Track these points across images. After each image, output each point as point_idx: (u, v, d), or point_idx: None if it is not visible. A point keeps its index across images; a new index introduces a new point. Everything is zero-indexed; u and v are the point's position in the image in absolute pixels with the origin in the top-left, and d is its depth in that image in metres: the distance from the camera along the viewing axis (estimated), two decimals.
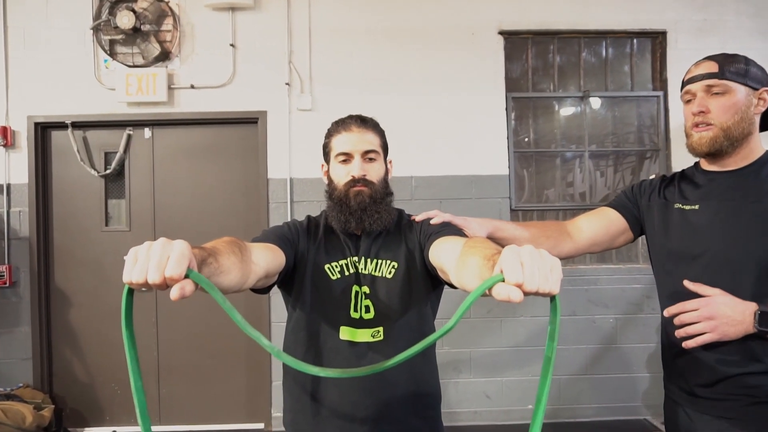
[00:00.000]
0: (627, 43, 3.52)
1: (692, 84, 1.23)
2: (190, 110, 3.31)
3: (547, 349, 0.67)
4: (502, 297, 0.63)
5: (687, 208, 1.25)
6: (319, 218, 1.35)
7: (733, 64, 1.19)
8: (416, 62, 3.34)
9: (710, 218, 1.20)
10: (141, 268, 0.63)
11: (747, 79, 1.18)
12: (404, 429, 1.21)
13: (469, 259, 0.84)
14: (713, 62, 1.21)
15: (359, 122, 1.28)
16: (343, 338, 1.20)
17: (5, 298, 3.26)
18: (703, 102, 1.20)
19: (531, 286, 0.61)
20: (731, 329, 1.08)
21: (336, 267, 1.25)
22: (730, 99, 1.18)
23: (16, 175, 3.28)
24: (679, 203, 1.27)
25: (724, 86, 1.18)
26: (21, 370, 3.25)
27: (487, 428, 3.24)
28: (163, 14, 3.26)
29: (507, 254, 0.64)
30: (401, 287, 1.23)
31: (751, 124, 1.20)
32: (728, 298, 1.10)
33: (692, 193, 1.27)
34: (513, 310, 3.32)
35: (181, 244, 0.65)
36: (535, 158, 3.52)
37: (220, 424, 3.36)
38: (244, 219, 3.35)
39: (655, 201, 1.34)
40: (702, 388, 1.18)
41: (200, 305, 3.36)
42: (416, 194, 3.31)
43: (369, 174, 1.25)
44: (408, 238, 1.29)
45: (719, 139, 1.19)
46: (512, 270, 0.62)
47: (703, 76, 1.20)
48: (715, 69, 1.19)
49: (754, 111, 1.20)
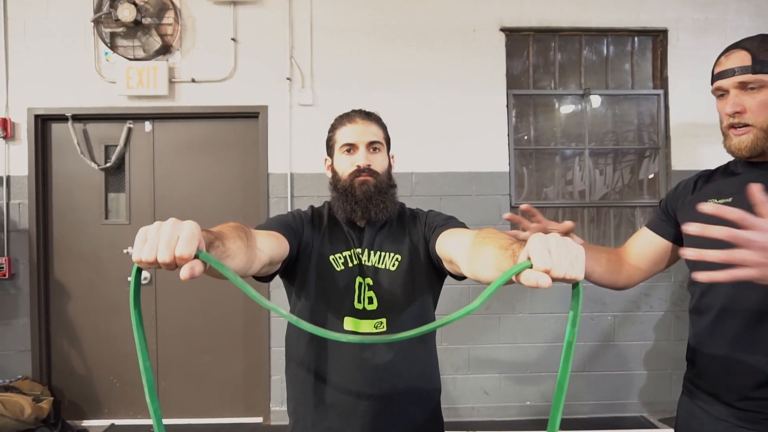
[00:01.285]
0: (628, 41, 3.52)
1: (723, 80, 1.08)
2: (190, 104, 3.30)
3: (568, 335, 0.69)
4: (530, 283, 0.65)
5: (720, 202, 1.08)
6: (322, 209, 1.35)
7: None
8: (417, 59, 3.34)
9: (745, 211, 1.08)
10: (151, 246, 0.63)
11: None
12: (405, 420, 1.22)
13: (484, 249, 0.86)
14: (745, 52, 1.05)
15: (363, 115, 1.31)
16: (346, 328, 1.21)
17: (4, 290, 3.26)
18: (737, 101, 1.06)
19: (558, 272, 0.63)
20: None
21: (340, 258, 1.26)
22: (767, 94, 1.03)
23: (15, 168, 3.28)
24: (713, 198, 1.13)
25: (759, 81, 1.03)
26: (20, 362, 3.26)
27: (485, 424, 3.26)
28: (164, 7, 3.25)
29: (535, 242, 0.66)
30: (404, 279, 1.24)
31: None
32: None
33: (728, 186, 1.13)
34: (511, 306, 3.33)
35: (191, 224, 0.65)
36: (535, 156, 3.53)
37: (219, 418, 3.37)
38: (243, 213, 3.35)
39: (689, 200, 1.21)
40: (743, 401, 1.04)
41: (199, 299, 3.37)
42: (416, 190, 3.31)
43: (374, 164, 1.26)
44: (412, 231, 1.30)
45: (760, 141, 1.05)
46: (540, 256, 0.64)
47: (735, 70, 1.05)
48: (748, 61, 1.04)
49: None
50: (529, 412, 3.32)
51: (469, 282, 1.38)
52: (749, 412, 1.04)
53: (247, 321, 3.39)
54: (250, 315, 3.38)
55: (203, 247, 0.67)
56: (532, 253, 0.65)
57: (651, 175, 3.54)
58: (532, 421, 3.26)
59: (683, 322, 3.34)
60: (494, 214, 3.33)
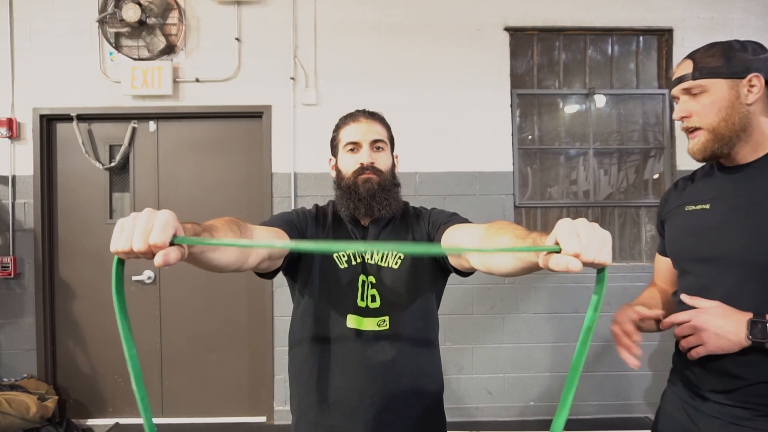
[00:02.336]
0: (633, 40, 3.50)
1: (673, 88, 1.17)
2: (194, 104, 3.31)
3: (588, 319, 0.70)
4: (560, 267, 0.66)
5: (697, 208, 1.17)
6: (326, 207, 1.36)
7: (708, 59, 1.10)
8: (421, 58, 3.33)
9: (722, 218, 1.11)
10: (127, 237, 0.64)
11: (727, 71, 1.08)
12: (408, 417, 1.22)
13: (500, 239, 0.87)
14: (689, 61, 1.13)
15: (367, 114, 1.32)
16: (350, 326, 1.21)
17: (10, 289, 3.27)
18: (683, 106, 1.14)
19: (587, 257, 0.64)
20: (722, 342, 1.02)
21: (344, 256, 1.26)
22: (708, 98, 1.10)
23: (21, 167, 3.29)
24: (691, 205, 1.19)
25: (699, 86, 1.11)
26: (25, 361, 3.27)
27: (489, 424, 3.25)
28: (168, 7, 3.26)
29: (564, 226, 0.67)
30: (407, 277, 1.24)
31: (745, 116, 1.08)
32: (722, 309, 1.04)
33: (705, 192, 1.18)
34: (516, 306, 3.32)
35: (165, 213, 0.66)
36: (539, 155, 3.52)
37: (223, 417, 3.37)
38: (247, 213, 3.35)
39: (671, 207, 1.27)
40: (717, 393, 1.10)
41: (203, 299, 3.37)
42: (420, 190, 3.31)
43: (377, 162, 1.27)
44: (415, 229, 1.30)
45: (709, 142, 1.11)
46: (570, 241, 0.65)
47: (681, 78, 1.14)
48: (690, 69, 1.12)
49: (745, 101, 1.08)
50: (533, 412, 3.31)
51: (473, 281, 1.38)
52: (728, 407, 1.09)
53: (251, 321, 3.39)
54: (254, 314, 3.39)
55: (182, 234, 0.67)
56: (561, 237, 0.66)
57: (656, 175, 3.53)
58: (535, 421, 3.25)
59: None
60: (498, 214, 3.32)
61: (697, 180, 1.24)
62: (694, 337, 1.05)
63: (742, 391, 1.06)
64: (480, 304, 3.32)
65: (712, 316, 1.03)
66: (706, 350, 1.04)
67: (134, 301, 3.37)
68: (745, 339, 1.00)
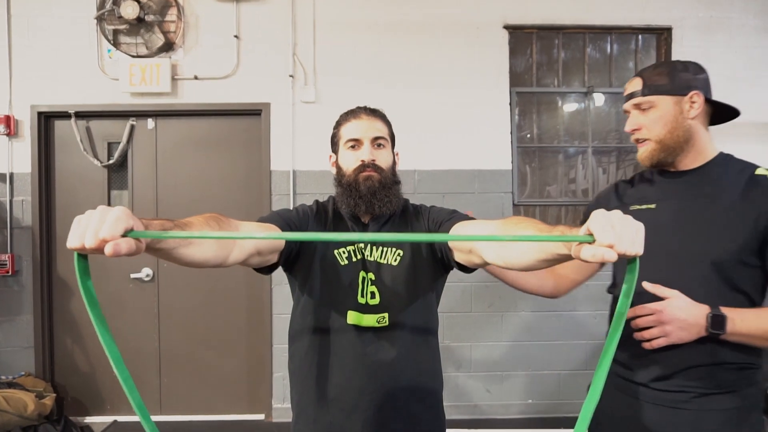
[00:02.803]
0: (632, 39, 3.50)
1: (625, 103, 1.29)
2: (193, 101, 3.30)
3: (620, 305, 0.71)
4: (596, 258, 0.66)
5: (644, 208, 1.28)
6: (327, 204, 1.36)
7: (656, 77, 1.23)
8: (420, 56, 3.33)
9: (667, 217, 1.23)
10: (80, 233, 0.66)
11: (672, 89, 1.21)
12: (407, 416, 1.22)
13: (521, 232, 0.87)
14: (639, 79, 1.26)
15: (368, 111, 1.31)
16: (350, 323, 1.21)
17: (7, 286, 3.27)
18: (634, 120, 1.27)
19: (621, 248, 0.65)
20: (685, 333, 1.11)
21: (344, 253, 1.26)
22: (656, 112, 1.23)
23: (19, 165, 3.29)
24: (636, 204, 1.30)
25: (648, 102, 1.23)
26: (23, 358, 3.27)
27: (488, 422, 3.26)
28: (167, 4, 3.25)
29: (598, 217, 0.68)
30: (406, 275, 1.24)
31: (687, 130, 1.22)
32: (683, 302, 1.12)
33: (650, 193, 1.30)
34: (514, 304, 3.33)
35: (118, 209, 0.67)
36: (538, 154, 3.52)
37: (221, 415, 3.38)
38: (246, 210, 3.35)
39: (612, 207, 1.30)
40: (657, 380, 1.20)
41: (201, 296, 3.37)
42: (419, 188, 3.31)
43: (378, 159, 1.26)
44: (415, 225, 1.30)
45: (656, 152, 1.24)
46: (605, 232, 0.66)
47: (632, 94, 1.27)
48: (639, 86, 1.25)
49: (687, 116, 1.21)
50: (532, 410, 3.32)
51: (471, 279, 1.39)
52: (665, 392, 1.19)
53: (250, 318, 3.39)
54: (253, 312, 3.39)
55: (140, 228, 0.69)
56: (596, 228, 0.66)
57: None
58: (534, 419, 3.26)
59: None
60: (497, 212, 3.32)
61: (637, 184, 1.36)
62: (658, 329, 1.12)
63: (680, 375, 1.16)
64: (478, 302, 3.32)
65: (675, 309, 1.11)
66: (667, 341, 1.12)
67: (132, 298, 3.36)
68: (704, 331, 1.10)
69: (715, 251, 1.15)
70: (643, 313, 1.14)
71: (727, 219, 1.15)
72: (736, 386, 1.15)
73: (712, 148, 1.25)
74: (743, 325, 1.09)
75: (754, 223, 1.13)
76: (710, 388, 1.15)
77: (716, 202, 1.18)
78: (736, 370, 1.15)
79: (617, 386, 1.28)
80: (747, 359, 1.16)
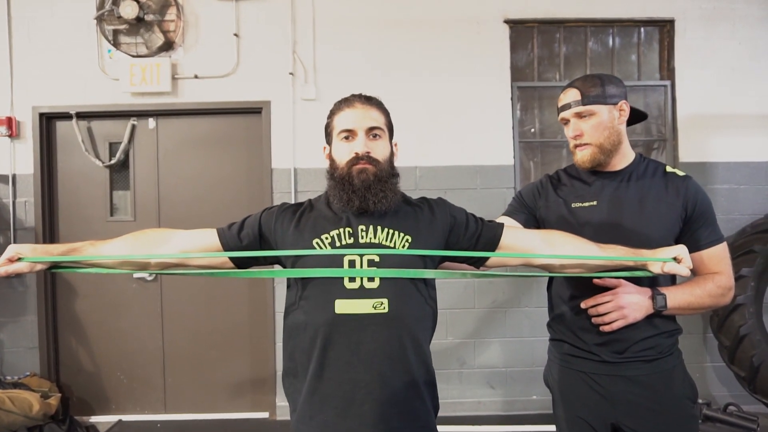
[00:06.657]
0: (634, 32, 3.47)
1: (564, 111, 1.45)
2: (193, 100, 3.30)
3: None
4: (676, 271, 1.19)
5: (586, 205, 1.44)
6: (317, 199, 1.33)
7: (592, 89, 1.40)
8: (421, 51, 3.31)
9: (608, 212, 1.40)
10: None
11: (606, 98, 1.39)
12: (404, 410, 1.18)
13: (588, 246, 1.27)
14: (576, 90, 1.42)
15: (363, 99, 1.25)
16: (339, 312, 1.14)
17: (12, 287, 3.28)
18: (576, 126, 1.42)
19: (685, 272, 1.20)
20: (637, 313, 1.31)
21: (326, 239, 1.19)
22: (596, 119, 1.40)
23: (21, 166, 3.29)
24: (578, 202, 1.46)
25: (588, 111, 1.40)
26: (28, 358, 3.28)
27: (491, 418, 3.25)
28: (166, 4, 3.24)
29: (682, 249, 1.21)
30: (414, 262, 1.18)
31: (619, 134, 1.42)
32: (631, 287, 1.32)
33: (588, 192, 1.46)
34: (517, 300, 3.31)
35: (10, 247, 1.14)
36: (540, 149, 3.50)
37: (225, 413, 3.38)
38: (247, 209, 3.32)
39: (554, 201, 1.51)
40: (614, 354, 1.38)
41: (205, 296, 3.38)
42: (420, 184, 3.30)
43: (374, 151, 1.20)
44: (429, 218, 1.26)
45: (597, 155, 1.41)
46: (687, 259, 1.20)
47: (571, 104, 1.42)
48: (579, 97, 1.41)
49: (618, 122, 1.41)
50: (536, 406, 3.31)
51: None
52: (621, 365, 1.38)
53: (253, 317, 3.39)
54: (256, 311, 3.39)
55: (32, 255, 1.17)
56: (685, 255, 1.20)
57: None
58: (538, 415, 3.24)
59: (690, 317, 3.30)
60: (499, 207, 3.27)
61: (569, 182, 1.52)
62: (617, 313, 1.31)
63: (631, 348, 1.36)
64: (482, 298, 3.31)
65: (627, 294, 1.31)
66: (625, 322, 1.32)
67: (136, 298, 3.37)
68: (651, 308, 1.32)
69: (652, 238, 1.33)
70: (602, 301, 1.33)
71: (658, 210, 1.37)
72: (672, 350, 1.41)
73: (631, 152, 1.47)
74: (677, 299, 1.32)
75: (681, 212, 1.36)
76: (655, 355, 1.37)
77: (648, 196, 1.39)
78: (669, 336, 1.40)
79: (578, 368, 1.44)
80: (675, 326, 1.42)
